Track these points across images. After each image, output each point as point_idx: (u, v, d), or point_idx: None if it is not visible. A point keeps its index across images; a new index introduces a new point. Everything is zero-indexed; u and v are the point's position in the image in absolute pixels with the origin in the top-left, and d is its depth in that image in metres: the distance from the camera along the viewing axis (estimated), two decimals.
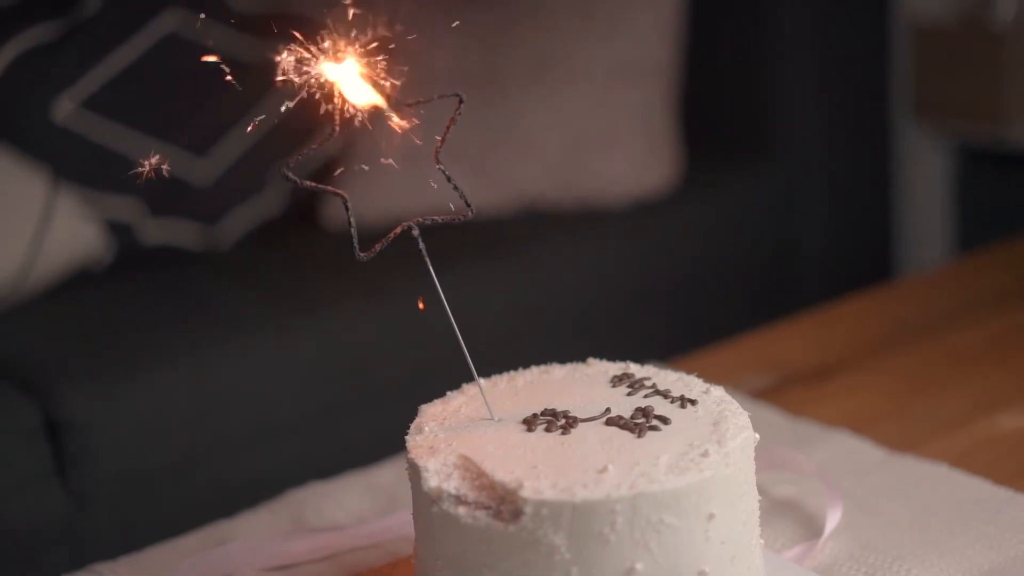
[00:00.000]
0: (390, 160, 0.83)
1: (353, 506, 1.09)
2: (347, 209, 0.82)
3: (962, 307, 1.48)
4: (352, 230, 0.82)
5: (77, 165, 1.98)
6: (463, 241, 1.90)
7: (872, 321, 1.48)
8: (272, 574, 0.97)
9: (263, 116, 1.85)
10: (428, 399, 1.90)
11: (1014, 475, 1.05)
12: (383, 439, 1.71)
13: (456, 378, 1.84)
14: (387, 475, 1.14)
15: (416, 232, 0.84)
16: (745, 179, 2.23)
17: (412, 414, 1.84)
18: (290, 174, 0.80)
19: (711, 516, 0.77)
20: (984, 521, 0.97)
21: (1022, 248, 1.69)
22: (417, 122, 0.82)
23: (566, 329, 1.97)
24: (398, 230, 0.84)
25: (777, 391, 1.27)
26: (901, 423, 1.19)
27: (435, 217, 0.85)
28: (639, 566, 0.76)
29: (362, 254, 0.83)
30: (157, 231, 2.03)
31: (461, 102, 0.81)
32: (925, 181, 2.57)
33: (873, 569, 0.92)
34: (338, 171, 2.07)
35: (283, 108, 0.79)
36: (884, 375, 1.30)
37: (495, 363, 1.82)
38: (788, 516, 1.00)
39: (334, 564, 0.98)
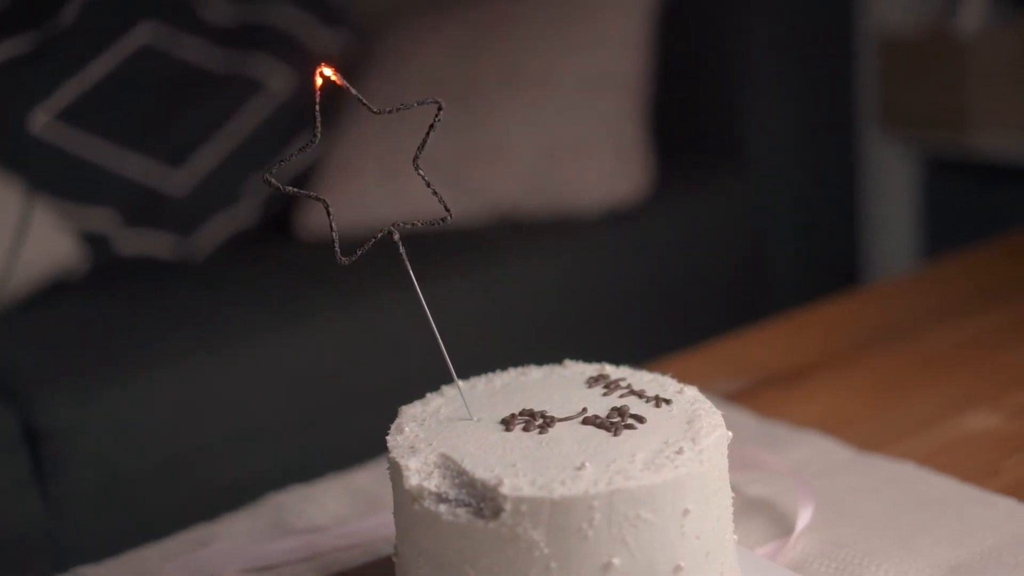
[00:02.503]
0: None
1: (333, 508, 1.10)
2: (328, 214, 0.83)
3: (930, 312, 1.50)
4: (333, 234, 0.84)
5: (53, 176, 1.99)
6: (438, 250, 1.92)
7: (842, 326, 1.50)
8: (254, 575, 0.99)
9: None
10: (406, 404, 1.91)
11: (981, 474, 1.07)
12: (362, 445, 1.73)
13: (433, 384, 1.86)
14: (366, 478, 1.15)
15: (396, 236, 0.85)
16: (715, 187, 2.26)
17: (390, 420, 1.85)
18: (272, 180, 0.81)
19: (686, 512, 0.79)
20: (952, 518, 0.99)
21: (989, 254, 1.72)
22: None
23: (541, 336, 1.99)
24: (379, 234, 0.85)
25: (749, 394, 1.29)
26: (871, 424, 1.21)
27: (415, 221, 0.86)
28: (616, 561, 0.78)
29: (343, 258, 0.84)
30: (133, 242, 2.04)
31: (440, 108, 0.83)
32: (891, 190, 2.60)
33: (844, 565, 0.94)
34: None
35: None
36: (854, 378, 1.33)
37: (471, 369, 1.83)
38: (760, 514, 1.02)
39: (315, 565, 1.00)
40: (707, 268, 2.21)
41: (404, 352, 1.84)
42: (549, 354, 1.18)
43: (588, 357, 0.98)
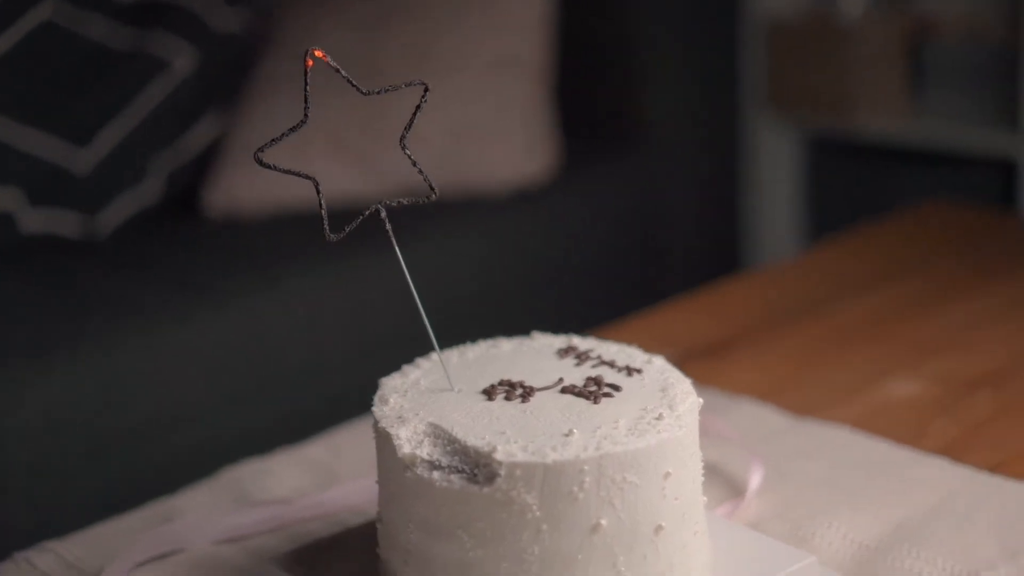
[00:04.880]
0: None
1: (292, 481, 1.12)
2: (318, 192, 0.86)
3: (839, 287, 1.57)
4: (323, 211, 0.86)
5: None
6: (351, 231, 1.94)
7: (756, 302, 1.56)
8: (224, 547, 1.00)
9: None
10: (328, 385, 1.94)
11: (909, 437, 1.13)
12: (284, 422, 1.74)
13: (352, 361, 1.89)
14: (319, 450, 1.17)
15: (383, 214, 0.88)
16: (616, 168, 2.31)
17: (314, 399, 1.87)
18: (264, 159, 0.83)
19: (667, 475, 0.84)
20: (891, 478, 1.05)
21: (890, 229, 1.80)
22: None
23: (451, 314, 2.01)
24: (367, 212, 0.88)
25: (678, 365, 1.34)
26: (798, 393, 1.26)
27: (401, 200, 0.89)
28: (604, 522, 0.82)
29: (332, 235, 0.87)
30: (37, 221, 2.02)
31: (427, 90, 0.86)
32: (779, 169, 2.68)
33: (797, 523, 0.99)
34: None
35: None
36: (777, 350, 1.38)
37: (390, 348, 1.86)
38: (712, 478, 1.06)
39: (283, 536, 1.01)
40: (611, 246, 2.26)
41: (319, 329, 1.85)
42: (461, 332, 1.22)
43: (498, 335, 1.02)
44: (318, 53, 0.83)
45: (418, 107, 0.86)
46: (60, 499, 1.61)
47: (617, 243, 2.27)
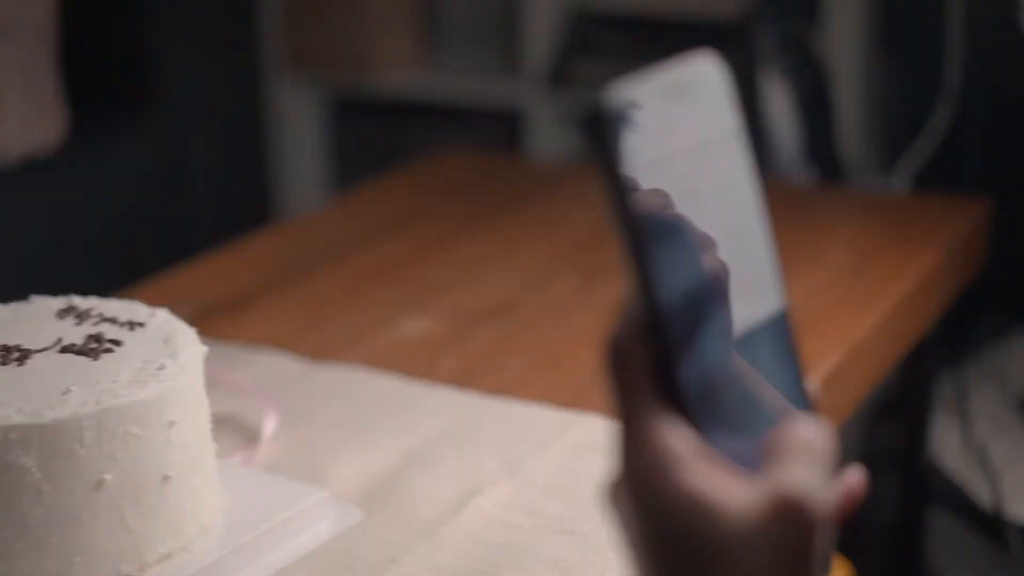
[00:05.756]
0: None
1: None
2: None
3: (351, 236, 1.60)
4: None
5: None
6: None
7: (273, 255, 1.56)
8: None
9: None
10: None
11: (422, 371, 1.18)
12: None
13: None
14: None
15: None
16: (132, 134, 2.27)
17: None
18: None
19: (172, 423, 0.84)
20: (403, 411, 1.10)
21: (399, 181, 1.86)
22: None
23: None
24: None
25: (197, 322, 1.33)
26: (315, 339, 1.28)
27: None
28: (108, 477, 0.81)
29: None
30: None
31: None
32: (301, 129, 2.70)
33: (311, 464, 1.02)
34: None
35: None
36: (292, 300, 1.40)
37: None
38: (228, 428, 1.07)
39: None
40: (132, 211, 2.22)
41: None
42: None
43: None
44: None
45: None
46: None
47: (138, 208, 2.23)
